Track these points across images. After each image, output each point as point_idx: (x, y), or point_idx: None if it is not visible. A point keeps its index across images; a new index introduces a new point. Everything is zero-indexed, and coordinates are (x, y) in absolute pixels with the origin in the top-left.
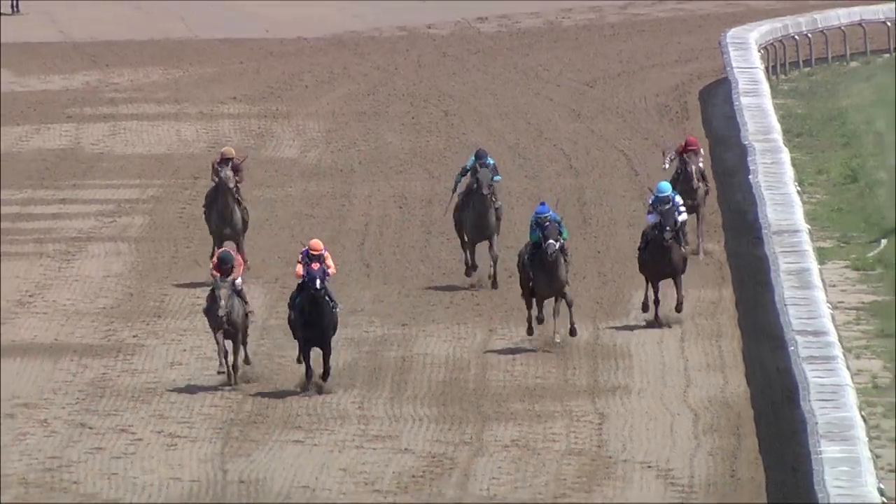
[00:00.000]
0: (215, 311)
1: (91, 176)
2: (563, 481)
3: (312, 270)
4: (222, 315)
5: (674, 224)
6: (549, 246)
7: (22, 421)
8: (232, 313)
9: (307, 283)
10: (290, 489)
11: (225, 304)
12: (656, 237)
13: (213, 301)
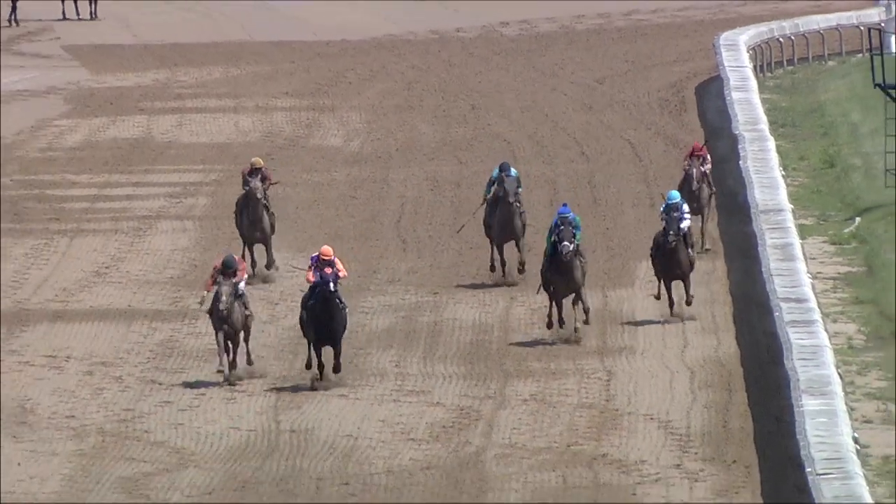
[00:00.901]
0: (217, 308)
1: (160, 162)
2: (576, 431)
3: (326, 274)
4: (223, 309)
5: (677, 230)
6: (564, 247)
7: (99, 377)
8: (232, 314)
9: (321, 284)
10: (335, 438)
11: (226, 301)
12: (663, 241)
13: (215, 300)
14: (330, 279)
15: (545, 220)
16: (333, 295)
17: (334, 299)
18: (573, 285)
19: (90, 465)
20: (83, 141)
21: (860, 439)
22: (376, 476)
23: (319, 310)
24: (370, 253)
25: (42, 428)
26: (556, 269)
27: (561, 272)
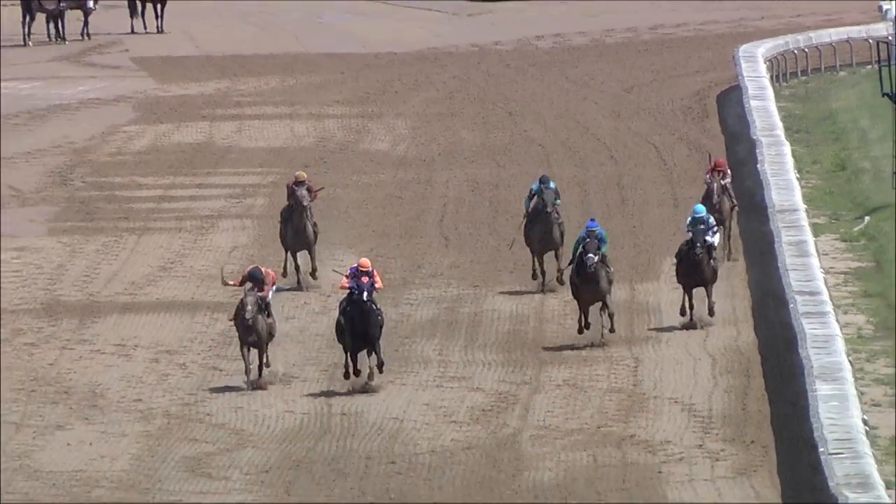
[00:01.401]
0: (242, 316)
1: (221, 165)
2: (605, 413)
3: (362, 283)
4: (248, 318)
5: (703, 242)
6: (589, 259)
7: (164, 364)
8: (257, 324)
9: (356, 294)
10: (383, 420)
11: (251, 311)
12: (688, 252)
13: (240, 308)
14: (365, 288)
15: (578, 219)
16: (367, 305)
17: (369, 307)
18: (599, 294)
19: (156, 445)
20: (150, 145)
21: (869, 421)
22: (420, 455)
23: (356, 316)
24: (415, 249)
25: (112, 411)
26: (584, 278)
27: (587, 282)
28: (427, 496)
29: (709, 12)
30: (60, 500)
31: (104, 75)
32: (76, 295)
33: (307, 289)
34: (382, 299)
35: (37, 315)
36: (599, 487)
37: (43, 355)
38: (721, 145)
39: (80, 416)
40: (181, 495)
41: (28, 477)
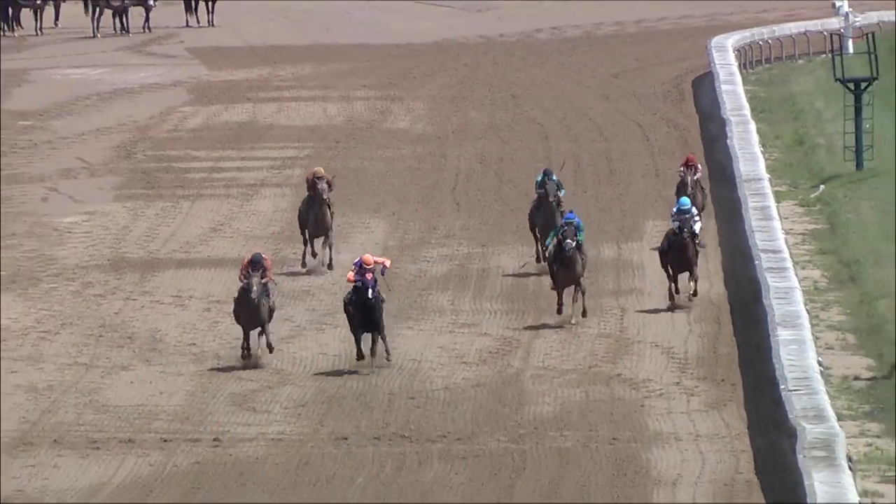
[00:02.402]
0: (246, 301)
1: (263, 140)
2: (596, 356)
3: (367, 280)
4: (254, 297)
5: (690, 228)
6: (567, 244)
7: (215, 313)
8: (260, 308)
9: (362, 290)
10: (403, 361)
11: (257, 290)
12: (676, 237)
13: (245, 291)
14: (369, 284)
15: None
16: (371, 301)
17: (372, 301)
18: (574, 277)
19: (207, 383)
20: (202, 124)
21: (823, 363)
22: (436, 392)
23: (361, 310)
24: (430, 213)
25: (169, 354)
26: (561, 262)
27: (564, 265)
28: (441, 427)
29: (686, 8)
30: (124, 431)
31: (162, 63)
32: (138, 253)
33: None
34: (402, 258)
35: (104, 270)
36: (591, 419)
37: (109, 305)
38: (696, 124)
39: (142, 358)
40: (229, 426)
41: (97, 411)
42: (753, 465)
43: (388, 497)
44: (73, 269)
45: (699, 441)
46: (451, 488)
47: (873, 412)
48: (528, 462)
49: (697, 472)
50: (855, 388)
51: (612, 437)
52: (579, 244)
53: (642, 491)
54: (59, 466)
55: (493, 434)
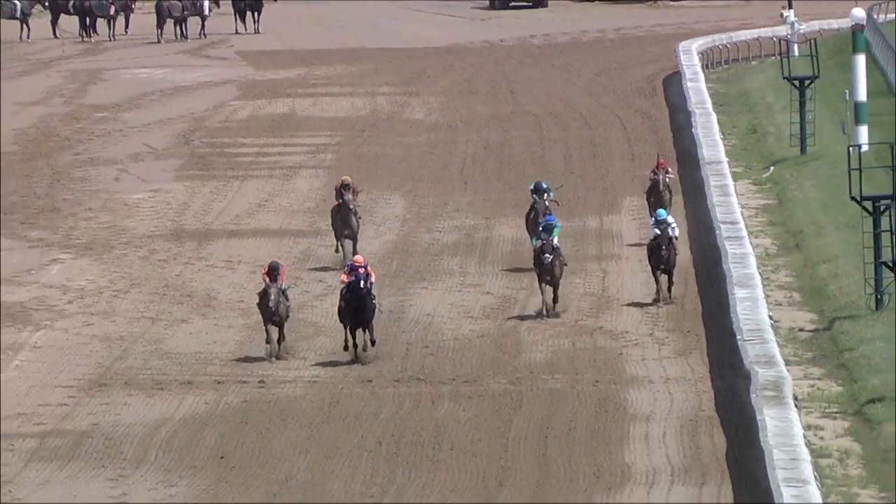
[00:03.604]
0: (266, 303)
1: (301, 130)
2: (581, 311)
3: (359, 274)
4: (272, 306)
5: (668, 238)
6: (545, 258)
7: (260, 275)
8: (279, 307)
9: (354, 283)
10: (419, 315)
11: (274, 299)
12: (657, 247)
13: (265, 297)
14: (362, 278)
15: (560, 169)
16: (362, 291)
17: (365, 295)
18: (553, 281)
19: (253, 334)
20: (249, 115)
21: (773, 316)
22: (446, 341)
23: (354, 302)
24: (442, 191)
25: (221, 309)
26: (541, 268)
27: (545, 271)
28: (451, 371)
29: (658, 18)
30: (184, 374)
31: (216, 64)
32: (195, 224)
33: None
34: (418, 228)
35: (167, 239)
36: (577, 364)
37: (171, 269)
38: (666, 115)
39: (199, 313)
40: (271, 371)
41: (160, 357)
42: (714, 404)
43: (406, 429)
44: (141, 238)
45: (669, 383)
46: (460, 423)
47: (815, 358)
48: (524, 401)
49: (667, 409)
50: (800, 339)
51: (595, 380)
52: (556, 250)
53: (621, 425)
54: (129, 404)
55: (494, 377)
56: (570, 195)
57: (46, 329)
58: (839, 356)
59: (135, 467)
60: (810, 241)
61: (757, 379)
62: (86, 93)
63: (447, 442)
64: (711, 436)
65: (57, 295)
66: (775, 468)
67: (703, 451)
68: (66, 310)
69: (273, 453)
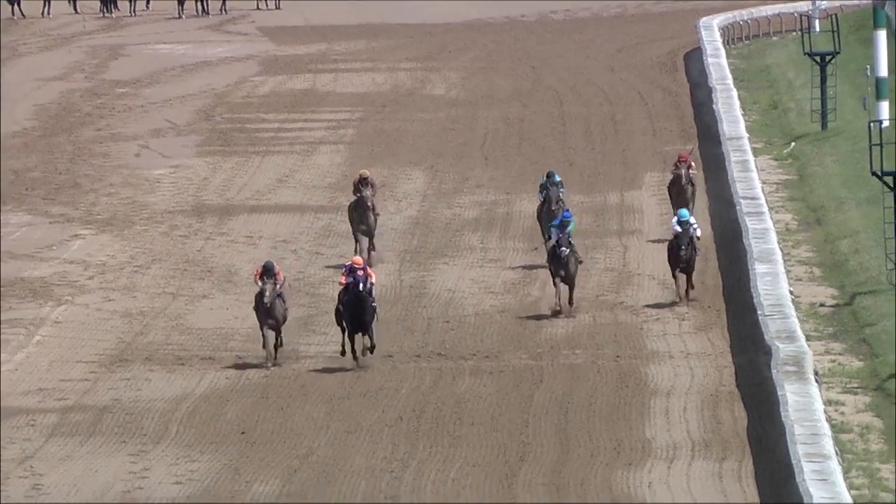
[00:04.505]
0: (262, 303)
1: (322, 105)
2: (602, 286)
3: (358, 276)
4: (267, 303)
5: (689, 240)
6: (562, 252)
7: (280, 251)
8: (275, 309)
9: (353, 286)
10: (440, 291)
11: (269, 297)
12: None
13: (260, 298)
14: (360, 280)
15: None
16: (362, 294)
17: (365, 297)
18: (569, 277)
19: None
20: (270, 91)
21: (794, 292)
22: (467, 317)
23: (353, 305)
24: (463, 166)
25: (242, 285)
26: (557, 263)
27: (561, 266)
28: (472, 346)
29: None
30: (205, 349)
31: (237, 40)
32: (216, 200)
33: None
34: (438, 204)
35: (188, 215)
36: (598, 340)
37: (192, 244)
38: (686, 91)
39: (220, 289)
40: (292, 345)
41: (182, 332)
42: (735, 379)
43: (427, 405)
44: (162, 213)
45: (689, 358)
46: (481, 398)
47: (836, 334)
48: (544, 376)
49: (687, 384)
50: (821, 314)
51: (616, 355)
52: (572, 245)
53: (641, 400)
54: (150, 379)
55: (515, 352)
56: (591, 170)
57: (68, 304)
58: (860, 331)
59: (156, 442)
60: (831, 216)
61: (778, 354)
62: (107, 68)
63: (468, 417)
64: (732, 411)
65: (78, 270)
66: (796, 443)
67: (724, 427)
68: (87, 285)
69: (294, 428)
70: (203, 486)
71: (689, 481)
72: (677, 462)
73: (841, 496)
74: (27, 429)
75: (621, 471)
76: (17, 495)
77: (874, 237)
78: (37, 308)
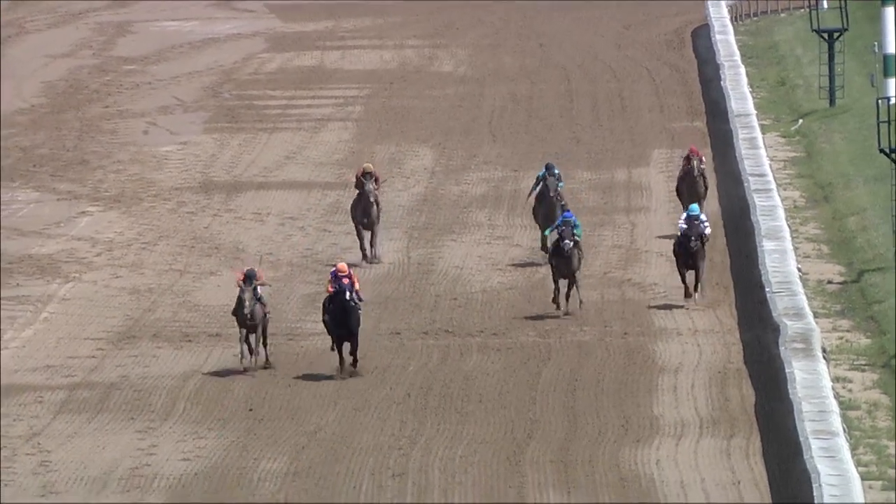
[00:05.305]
0: (241, 311)
1: (330, 82)
2: (610, 263)
3: (343, 284)
4: (247, 312)
5: (699, 235)
6: (565, 245)
7: (288, 227)
8: (255, 315)
9: (339, 294)
10: (447, 268)
11: (249, 305)
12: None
13: (239, 304)
14: (346, 288)
15: (589, 121)
16: (349, 303)
17: (351, 305)
18: (571, 271)
19: (283, 286)
20: (278, 68)
21: (802, 269)
22: (475, 294)
23: (339, 313)
24: (471, 143)
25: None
26: (560, 258)
27: (564, 261)
28: (479, 323)
29: None
30: (212, 326)
31: (244, 17)
32: (224, 176)
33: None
34: (446, 181)
35: (195, 191)
36: (605, 317)
37: (199, 221)
38: (694, 68)
39: (227, 265)
40: (300, 323)
41: (189, 310)
42: (742, 356)
43: (435, 382)
44: (170, 190)
45: (697, 335)
46: (488, 375)
47: (844, 311)
48: (552, 353)
49: (695, 361)
50: (828, 291)
51: (624, 332)
52: (577, 242)
53: (649, 377)
54: (157, 356)
55: (523, 329)
56: (598, 147)
57: (75, 281)
58: (868, 308)
59: (163, 419)
60: (839, 193)
61: (785, 331)
62: (114, 45)
63: (475, 394)
64: (740, 388)
65: (86, 247)
66: (804, 420)
67: (732, 404)
68: (95, 262)
69: (301, 405)
70: (210, 462)
71: (697, 458)
72: (685, 439)
73: (848, 473)
74: (35, 406)
75: (629, 448)
76: (24, 472)
77: (882, 214)
78: (44, 285)
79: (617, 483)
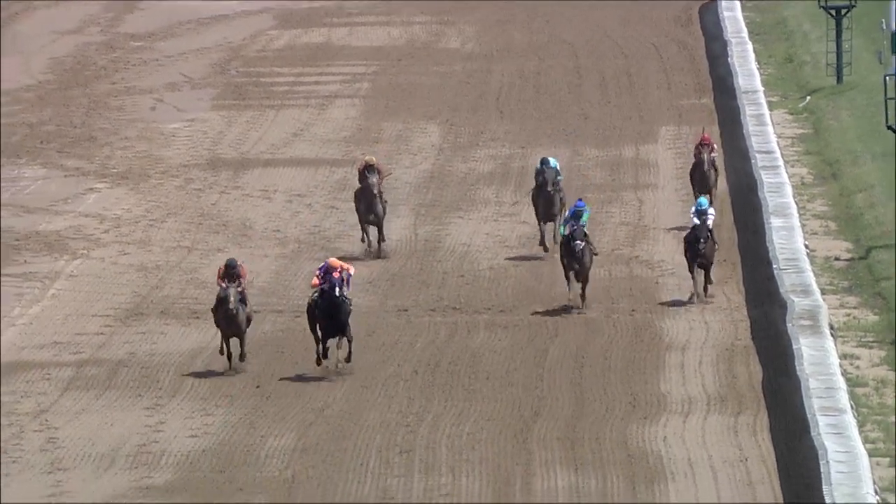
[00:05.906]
0: (225, 310)
1: (337, 59)
2: (618, 240)
3: (333, 279)
4: (232, 308)
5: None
6: (576, 245)
7: (296, 205)
8: (238, 314)
9: (329, 289)
10: (455, 245)
11: (234, 303)
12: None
13: (222, 302)
14: (336, 283)
15: (597, 98)
16: (339, 299)
17: (342, 301)
18: (583, 270)
19: (290, 264)
20: (285, 45)
21: (809, 245)
22: (482, 271)
23: (328, 308)
24: (479, 120)
25: (257, 239)
26: (572, 257)
27: (575, 260)
28: (487, 300)
29: None
30: None
31: None
32: (231, 153)
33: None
34: (454, 158)
35: (203, 168)
36: (613, 294)
37: (207, 198)
38: (702, 44)
39: (234, 242)
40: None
41: (197, 286)
42: (750, 332)
43: (442, 359)
44: (177, 167)
45: (704, 312)
46: (496, 352)
47: (851, 287)
48: (559, 330)
49: (703, 338)
50: (836, 268)
51: (632, 309)
52: (586, 236)
53: (656, 354)
54: (165, 333)
55: (530, 306)
56: (606, 124)
57: (83, 258)
58: (875, 285)
59: (171, 396)
60: (846, 170)
61: (793, 308)
62: (122, 21)
63: (483, 371)
64: (747, 365)
65: (93, 224)
66: (811, 397)
67: (739, 380)
68: (103, 239)
69: (309, 382)
70: (218, 439)
71: (705, 435)
72: (692, 416)
73: (856, 450)
74: (42, 382)
75: (636, 425)
76: (32, 449)
77: (889, 191)
78: (52, 262)
79: (624, 460)
